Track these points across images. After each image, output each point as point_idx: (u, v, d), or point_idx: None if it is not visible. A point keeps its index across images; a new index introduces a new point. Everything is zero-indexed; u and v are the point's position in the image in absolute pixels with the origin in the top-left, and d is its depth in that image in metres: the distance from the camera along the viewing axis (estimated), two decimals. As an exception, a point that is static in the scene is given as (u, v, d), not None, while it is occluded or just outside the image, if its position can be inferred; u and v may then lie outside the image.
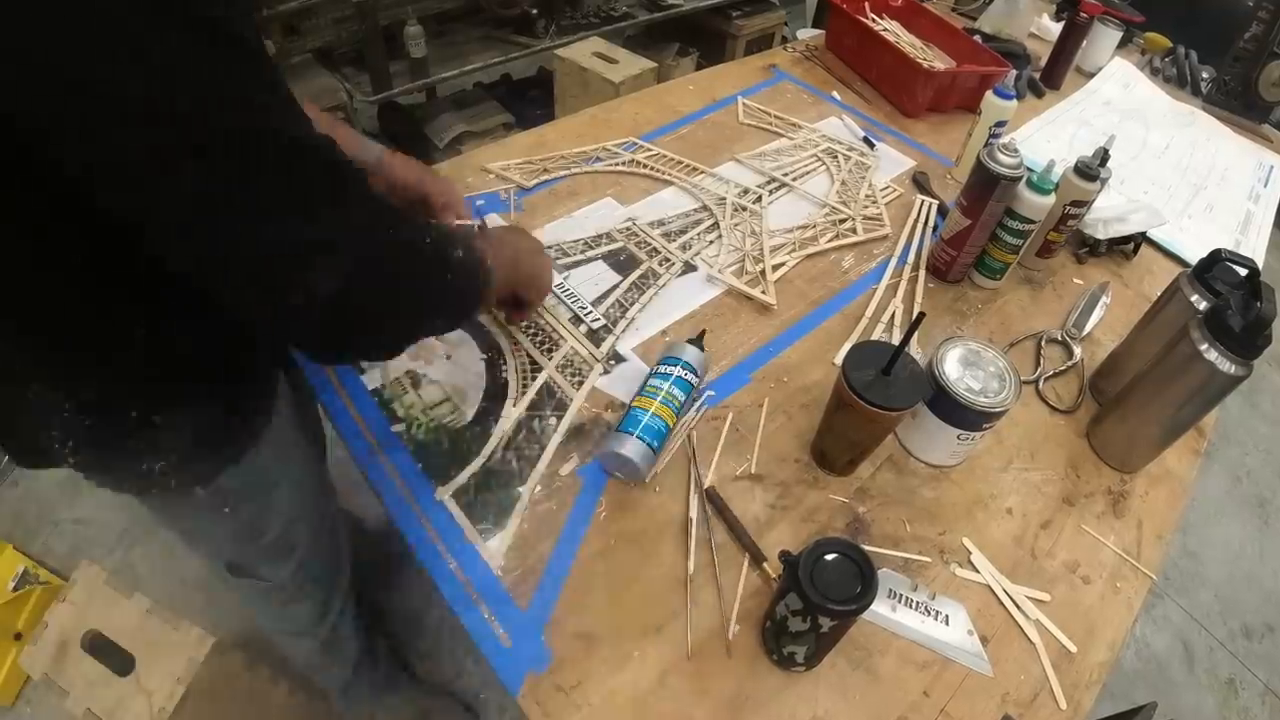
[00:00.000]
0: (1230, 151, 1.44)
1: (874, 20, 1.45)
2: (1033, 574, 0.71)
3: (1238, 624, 1.71)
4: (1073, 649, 0.66)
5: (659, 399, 0.71)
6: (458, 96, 2.29)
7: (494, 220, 0.96)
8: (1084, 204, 0.95)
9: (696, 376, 0.75)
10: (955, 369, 0.71)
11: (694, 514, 0.69)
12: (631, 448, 0.67)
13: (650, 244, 0.97)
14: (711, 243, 0.98)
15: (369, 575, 1.41)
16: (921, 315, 0.65)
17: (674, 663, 0.60)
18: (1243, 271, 0.80)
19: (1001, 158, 0.86)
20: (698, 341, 0.78)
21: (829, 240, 1.02)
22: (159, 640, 1.01)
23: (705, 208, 1.04)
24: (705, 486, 0.71)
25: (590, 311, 0.86)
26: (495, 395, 0.76)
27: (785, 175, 1.11)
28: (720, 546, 0.68)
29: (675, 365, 0.74)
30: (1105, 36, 1.54)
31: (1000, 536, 0.73)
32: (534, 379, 0.79)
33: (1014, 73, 1.12)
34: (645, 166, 1.09)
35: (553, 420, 0.75)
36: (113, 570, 1.37)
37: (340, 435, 0.73)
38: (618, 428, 0.70)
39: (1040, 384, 0.88)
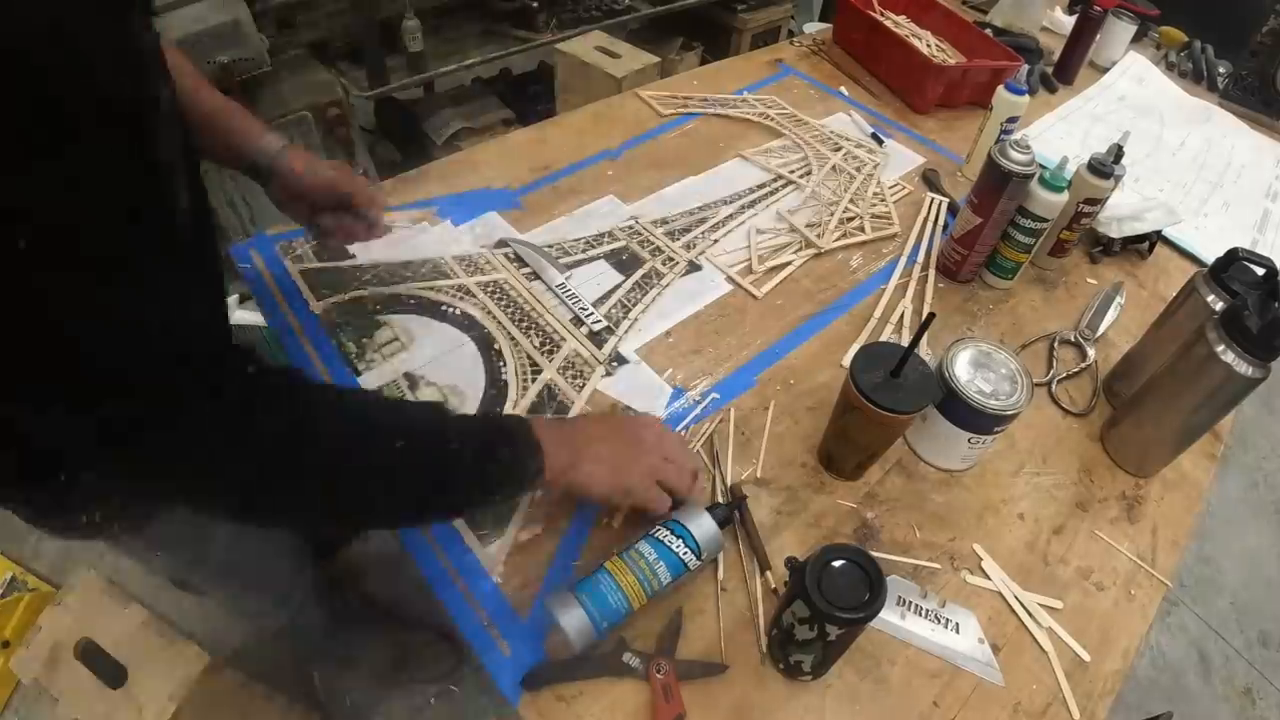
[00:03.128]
0: (1247, 148, 1.41)
1: (883, 14, 1.43)
2: (1045, 581, 0.69)
3: (1255, 632, 1.69)
4: (1086, 658, 0.64)
5: (637, 573, 0.58)
6: (456, 92, 2.27)
7: (495, 220, 0.94)
8: (1098, 202, 0.94)
9: (697, 558, 0.60)
10: (966, 371, 0.69)
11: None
12: (573, 620, 0.55)
13: (653, 243, 0.95)
14: (716, 241, 0.97)
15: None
16: (931, 316, 0.64)
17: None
18: (1260, 271, 0.79)
19: (1013, 154, 0.84)
20: (722, 511, 0.63)
21: (836, 239, 1.00)
22: (154, 655, 0.99)
23: (708, 206, 1.02)
24: (730, 485, 0.71)
25: (592, 312, 0.84)
26: (495, 398, 0.75)
27: (791, 172, 1.10)
28: (726, 551, 0.66)
29: (679, 538, 0.60)
30: (1120, 30, 1.51)
31: (1012, 542, 0.72)
32: (534, 380, 0.77)
33: (1026, 67, 1.10)
34: (769, 119, 1.20)
35: (554, 422, 0.74)
36: (106, 577, 1.35)
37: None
38: (576, 586, 0.57)
39: (1053, 386, 0.86)
